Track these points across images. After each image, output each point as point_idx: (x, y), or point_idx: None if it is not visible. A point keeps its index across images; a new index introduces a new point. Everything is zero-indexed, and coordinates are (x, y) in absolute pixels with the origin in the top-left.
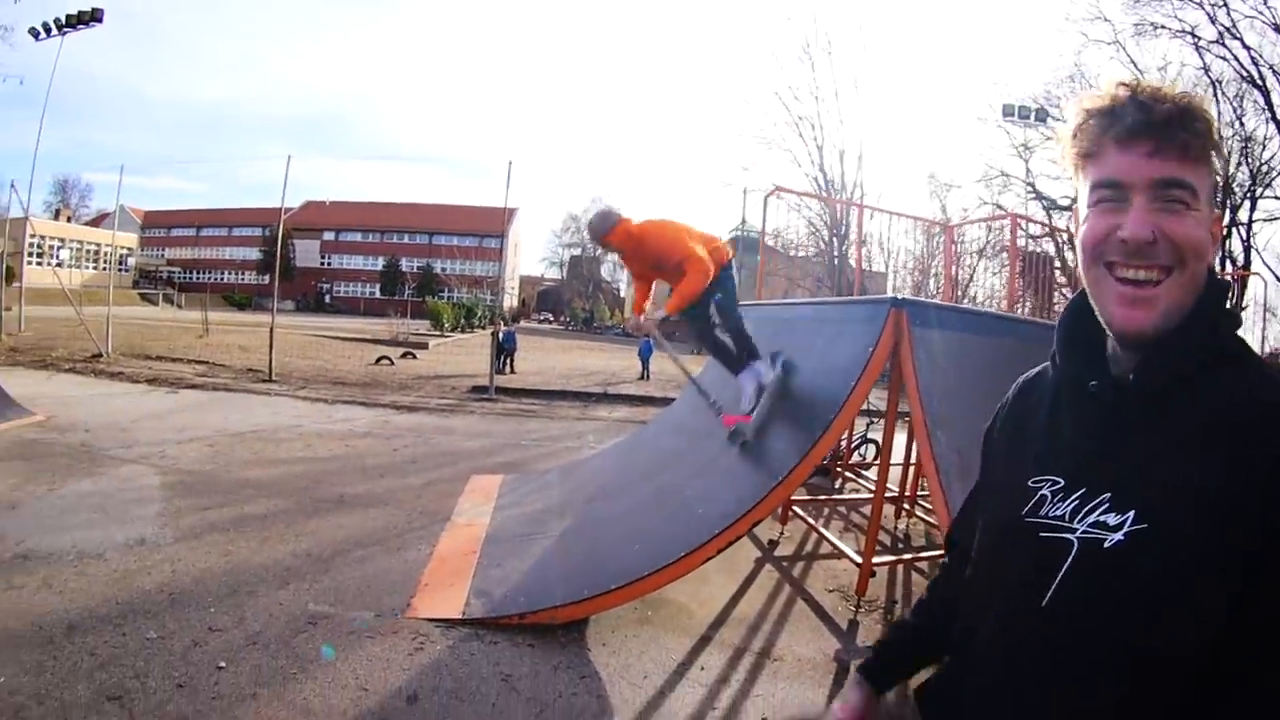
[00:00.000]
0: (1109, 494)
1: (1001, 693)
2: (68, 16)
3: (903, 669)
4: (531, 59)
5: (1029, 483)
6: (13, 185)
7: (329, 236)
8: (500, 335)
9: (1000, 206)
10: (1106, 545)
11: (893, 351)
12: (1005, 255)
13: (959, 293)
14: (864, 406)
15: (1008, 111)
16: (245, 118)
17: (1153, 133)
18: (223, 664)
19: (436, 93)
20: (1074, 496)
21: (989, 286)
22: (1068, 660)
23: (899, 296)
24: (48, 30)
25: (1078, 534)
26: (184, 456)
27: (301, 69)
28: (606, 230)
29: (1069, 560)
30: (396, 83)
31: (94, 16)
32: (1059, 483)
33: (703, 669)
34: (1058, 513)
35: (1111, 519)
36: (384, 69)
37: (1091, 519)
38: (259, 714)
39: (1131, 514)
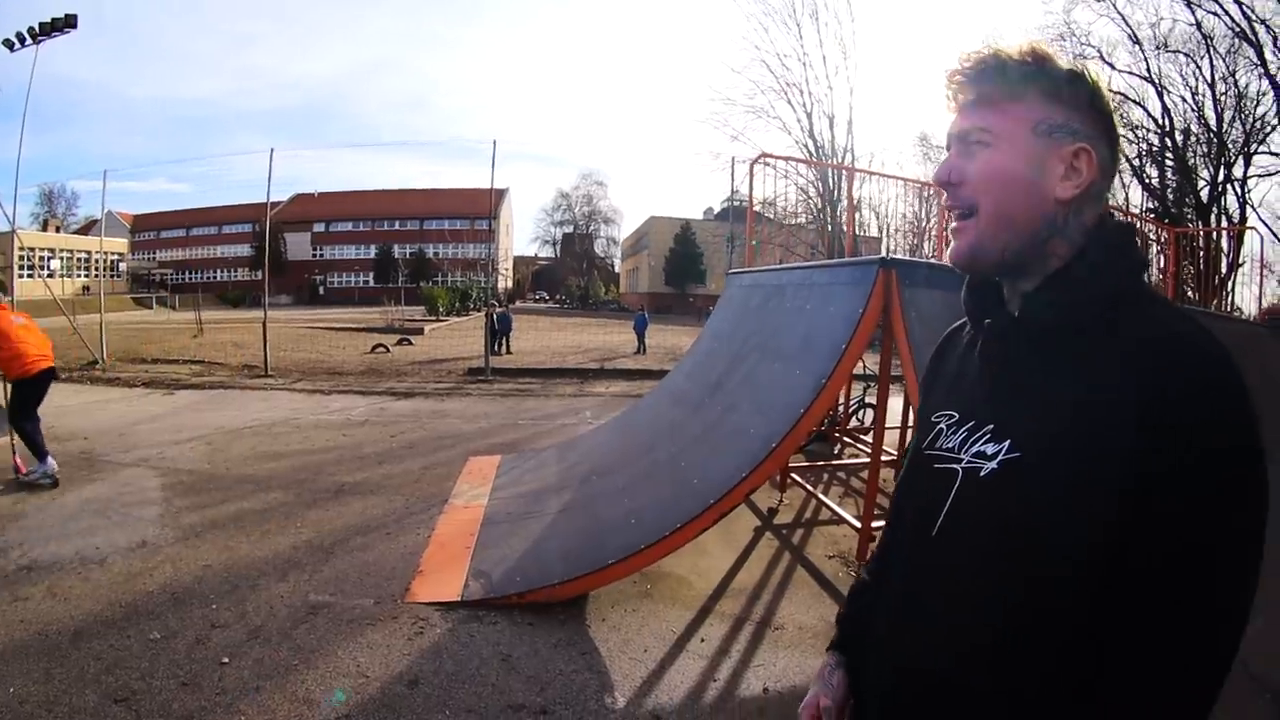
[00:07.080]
0: (992, 425)
1: (905, 622)
2: (41, 24)
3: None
4: (516, 34)
5: (931, 418)
6: None
7: (320, 228)
8: (494, 317)
9: None
10: (983, 474)
11: (883, 313)
12: None
13: None
14: (861, 370)
15: None
16: (229, 114)
17: (954, 97)
18: (226, 659)
19: (422, 75)
20: (964, 429)
21: None
22: (954, 590)
23: (887, 257)
24: (22, 40)
25: (962, 464)
26: (182, 457)
27: (284, 62)
28: None
29: (953, 490)
30: (381, 67)
31: (68, 23)
32: (954, 416)
33: (703, 640)
34: (949, 445)
35: (990, 449)
36: (367, 54)
37: (974, 449)
38: (262, 706)
39: (1007, 443)
